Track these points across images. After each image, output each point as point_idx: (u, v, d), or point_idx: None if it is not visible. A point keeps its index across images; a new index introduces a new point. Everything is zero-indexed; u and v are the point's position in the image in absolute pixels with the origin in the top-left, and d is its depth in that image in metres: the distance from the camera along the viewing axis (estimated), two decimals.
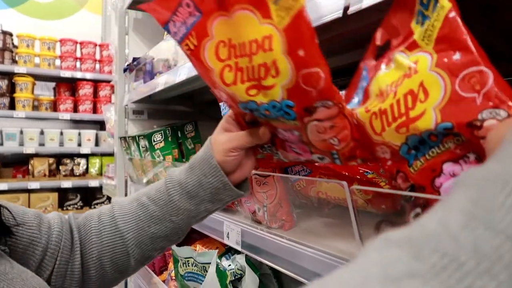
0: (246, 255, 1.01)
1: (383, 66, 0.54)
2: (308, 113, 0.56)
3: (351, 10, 0.56)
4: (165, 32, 1.67)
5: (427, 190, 0.49)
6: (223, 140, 0.68)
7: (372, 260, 0.23)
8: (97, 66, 4.26)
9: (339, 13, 0.59)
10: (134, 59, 1.81)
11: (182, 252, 1.07)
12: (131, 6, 1.93)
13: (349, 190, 0.57)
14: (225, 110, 0.99)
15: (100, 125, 4.37)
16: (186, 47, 0.61)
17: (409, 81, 0.47)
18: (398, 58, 0.50)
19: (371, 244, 0.25)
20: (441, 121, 0.44)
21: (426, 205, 0.49)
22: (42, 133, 4.02)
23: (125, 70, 1.98)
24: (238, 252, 1.06)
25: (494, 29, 0.75)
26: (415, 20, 0.50)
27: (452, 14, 0.43)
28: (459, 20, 0.43)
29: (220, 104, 1.01)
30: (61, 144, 4.09)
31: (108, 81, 4.15)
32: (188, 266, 1.05)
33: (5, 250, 0.60)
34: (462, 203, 0.24)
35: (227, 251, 1.11)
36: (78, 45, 4.14)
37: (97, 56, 4.27)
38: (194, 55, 0.61)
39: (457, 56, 0.43)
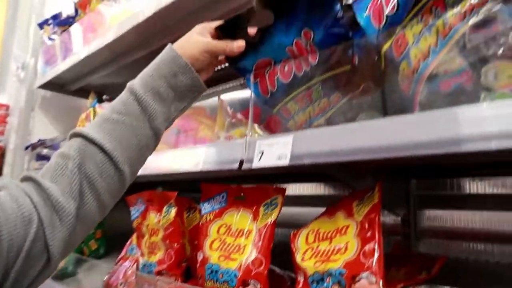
0: None
1: None
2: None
3: (244, 167, 0.74)
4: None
5: None
6: (202, 40, 0.75)
7: None
8: None
9: (235, 166, 0.76)
10: (40, 141, 1.81)
11: None
12: (41, 86, 1.95)
13: None
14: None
15: None
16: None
17: (342, 238, 0.71)
18: None
19: None
20: (342, 268, 0.66)
21: None
22: None
23: (27, 148, 1.95)
24: None
25: None
26: None
27: None
28: None
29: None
30: None
31: None
32: None
33: None
34: None
35: None
36: None
37: None
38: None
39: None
